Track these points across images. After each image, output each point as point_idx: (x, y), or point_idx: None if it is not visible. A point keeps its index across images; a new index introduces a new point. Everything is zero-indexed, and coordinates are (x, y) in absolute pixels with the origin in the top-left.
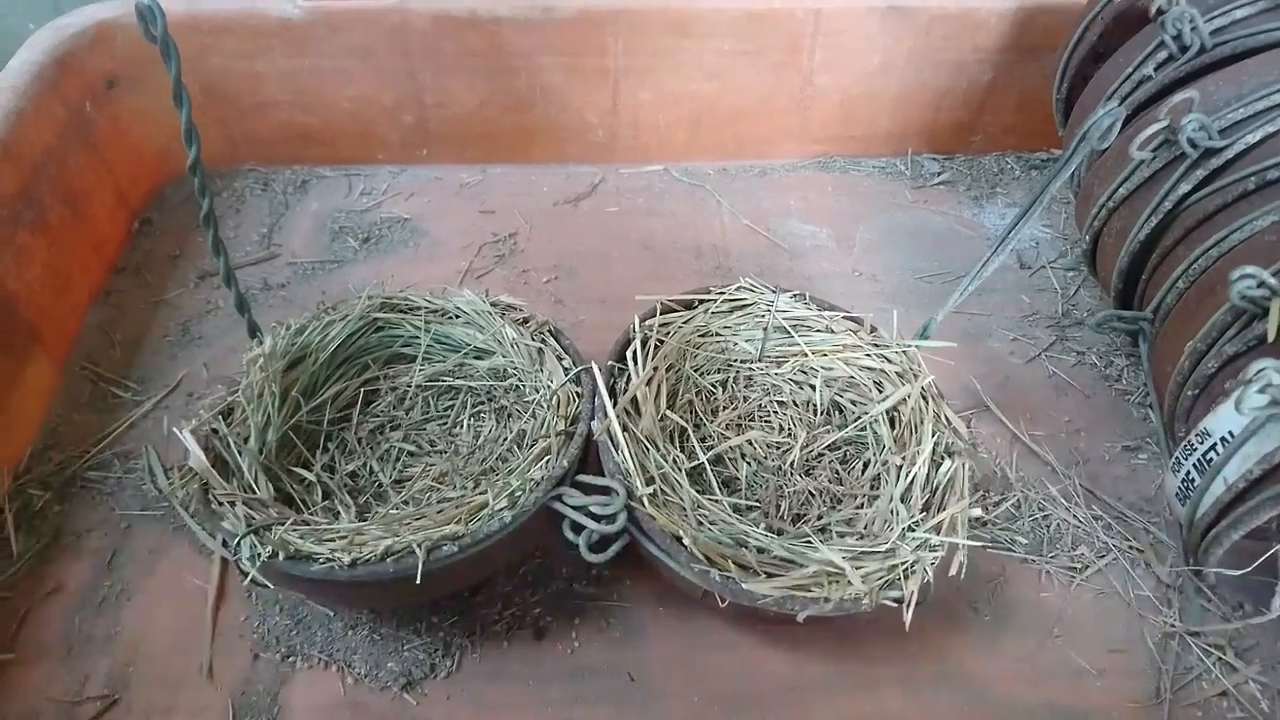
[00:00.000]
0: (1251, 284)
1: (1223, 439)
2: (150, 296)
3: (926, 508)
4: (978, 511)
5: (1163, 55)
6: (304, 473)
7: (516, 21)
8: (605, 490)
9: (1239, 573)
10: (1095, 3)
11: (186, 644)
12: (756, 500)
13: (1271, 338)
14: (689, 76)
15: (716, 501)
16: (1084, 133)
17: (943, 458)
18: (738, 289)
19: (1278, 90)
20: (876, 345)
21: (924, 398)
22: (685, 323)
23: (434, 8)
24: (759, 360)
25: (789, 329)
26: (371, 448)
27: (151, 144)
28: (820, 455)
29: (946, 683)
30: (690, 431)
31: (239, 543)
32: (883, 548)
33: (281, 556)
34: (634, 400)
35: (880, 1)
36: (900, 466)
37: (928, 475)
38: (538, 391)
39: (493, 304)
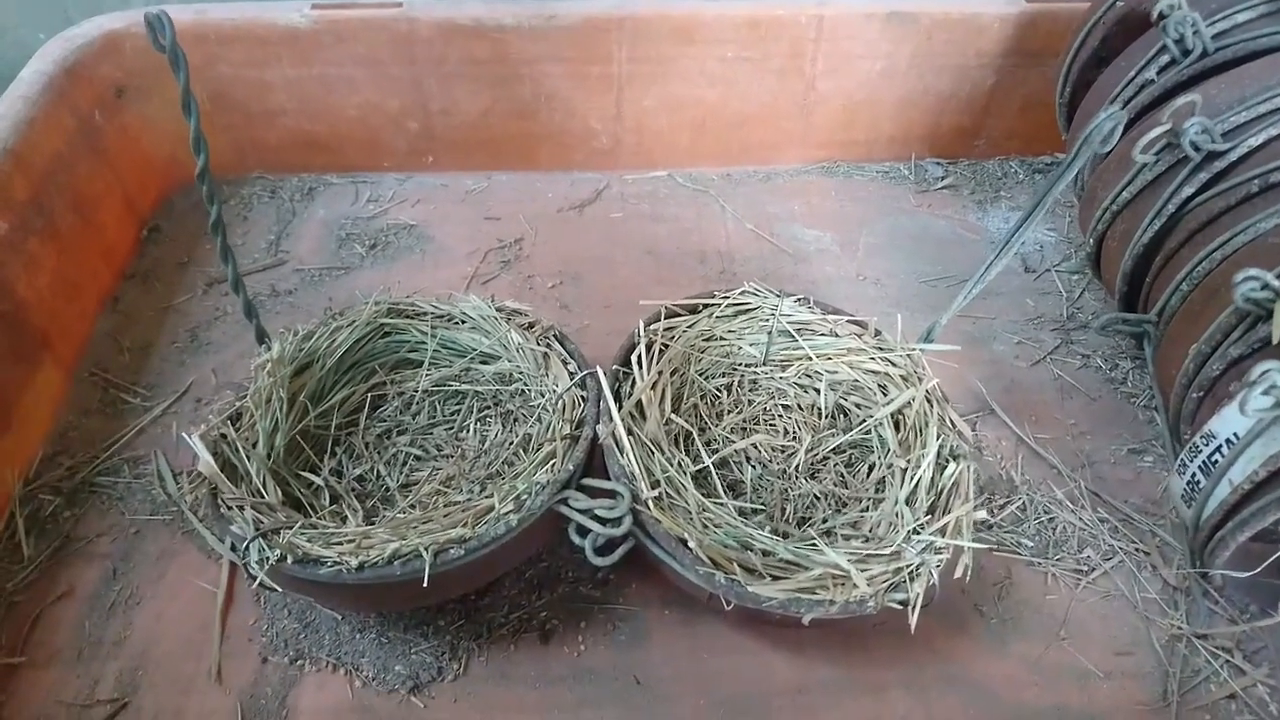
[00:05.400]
0: (1255, 286)
1: (1228, 441)
2: (159, 303)
3: (931, 511)
4: (983, 514)
5: (1165, 59)
6: (312, 477)
7: (521, 29)
8: (610, 494)
9: (1246, 575)
10: (1098, 7)
11: (196, 648)
12: (761, 504)
13: (1276, 339)
14: (693, 83)
15: (721, 505)
16: (1086, 136)
17: (947, 461)
18: (741, 293)
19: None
20: (880, 349)
21: (928, 401)
22: (690, 327)
23: (439, 16)
24: (763, 364)
25: (793, 333)
26: (379, 452)
27: (160, 152)
28: (825, 459)
29: (953, 685)
30: (695, 435)
31: (247, 546)
32: (888, 551)
33: (289, 560)
34: (639, 404)
35: (882, 7)
36: (905, 470)
37: (932, 478)
38: (543, 396)
39: (498, 309)
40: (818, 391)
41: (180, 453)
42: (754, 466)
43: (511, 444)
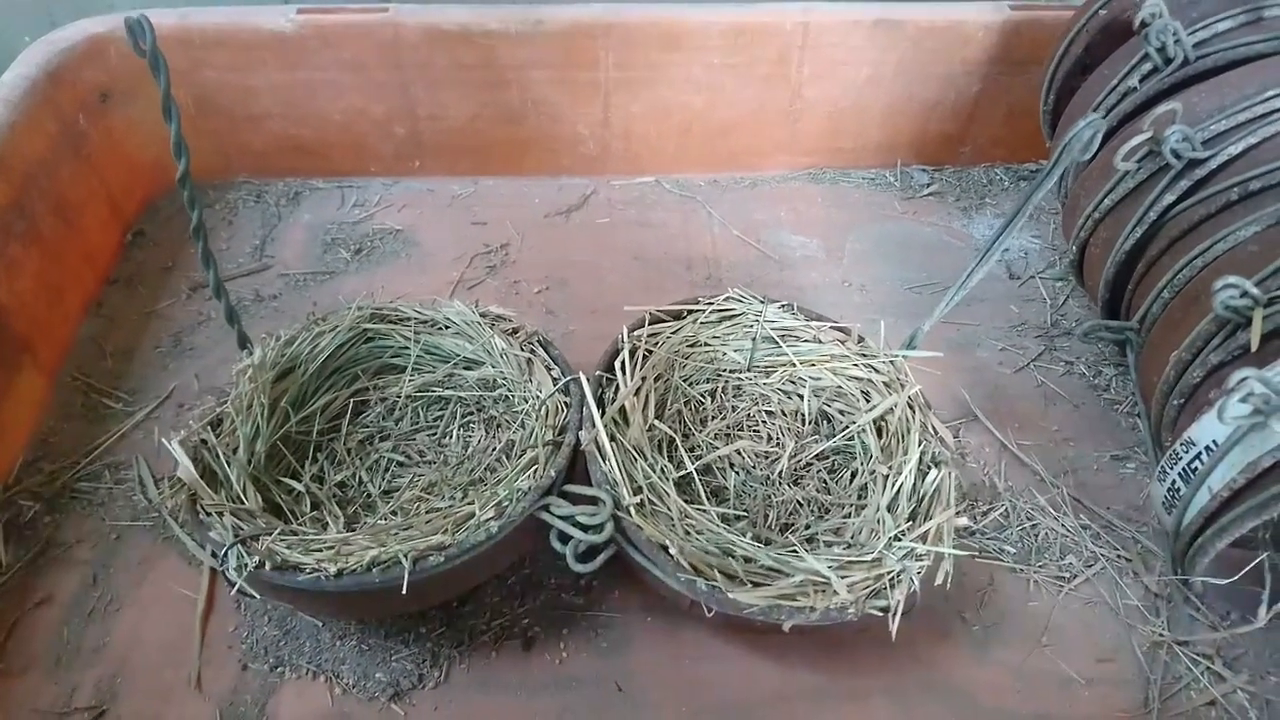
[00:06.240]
0: (1235, 294)
1: (1207, 448)
2: (142, 308)
3: (913, 517)
4: (964, 521)
5: (1147, 67)
6: (293, 483)
7: (508, 35)
8: (592, 500)
9: (1226, 581)
10: (1081, 16)
11: (175, 655)
12: (744, 510)
13: (1255, 347)
14: (679, 89)
15: (704, 511)
16: (1065, 144)
17: (929, 467)
18: (726, 299)
19: (1259, 102)
20: (864, 355)
21: (910, 407)
22: (674, 333)
23: (425, 21)
24: (747, 370)
25: (777, 339)
26: (360, 458)
27: (144, 156)
28: (808, 465)
29: (935, 692)
30: (679, 441)
31: (226, 553)
32: (869, 557)
33: (268, 566)
34: (622, 410)
35: (868, 15)
36: (887, 476)
37: (914, 485)
38: (526, 402)
39: (482, 314)
40: (801, 398)
41: (162, 458)
42: (737, 473)
43: (494, 450)
